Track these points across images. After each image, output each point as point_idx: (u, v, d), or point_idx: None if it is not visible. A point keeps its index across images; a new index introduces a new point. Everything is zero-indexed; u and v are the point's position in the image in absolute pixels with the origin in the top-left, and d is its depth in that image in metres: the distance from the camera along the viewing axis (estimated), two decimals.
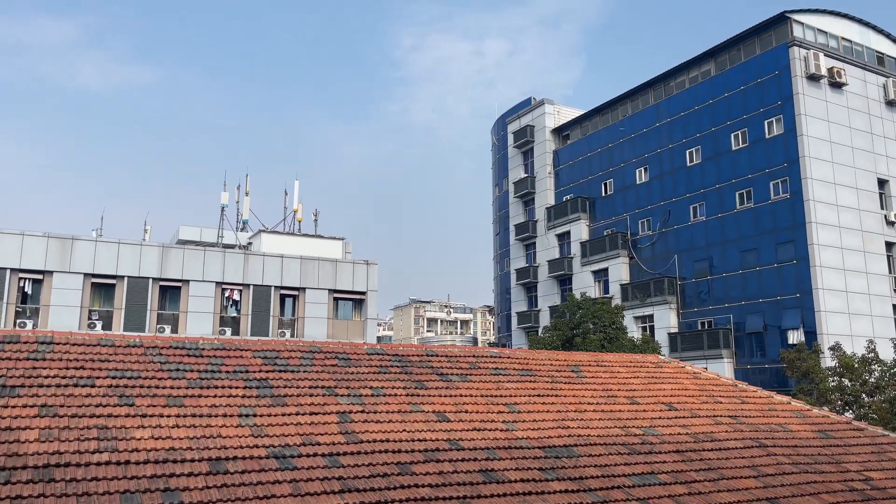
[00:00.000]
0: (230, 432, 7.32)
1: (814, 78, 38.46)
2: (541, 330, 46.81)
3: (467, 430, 8.45)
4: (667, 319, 42.77)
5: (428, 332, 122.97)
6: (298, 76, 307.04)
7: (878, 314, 37.76)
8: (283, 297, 33.50)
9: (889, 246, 39.73)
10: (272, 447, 7.15)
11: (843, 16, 41.86)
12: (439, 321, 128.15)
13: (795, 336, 36.00)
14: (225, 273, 32.14)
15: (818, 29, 40.26)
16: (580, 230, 50.12)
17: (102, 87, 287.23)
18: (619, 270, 46.50)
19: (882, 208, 40.01)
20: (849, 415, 24.88)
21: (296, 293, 33.58)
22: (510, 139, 57.64)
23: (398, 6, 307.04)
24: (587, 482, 7.59)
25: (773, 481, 8.45)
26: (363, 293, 34.79)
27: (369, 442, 7.64)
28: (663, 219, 44.68)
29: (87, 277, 29.67)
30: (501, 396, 9.81)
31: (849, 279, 37.20)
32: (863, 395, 27.26)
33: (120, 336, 9.40)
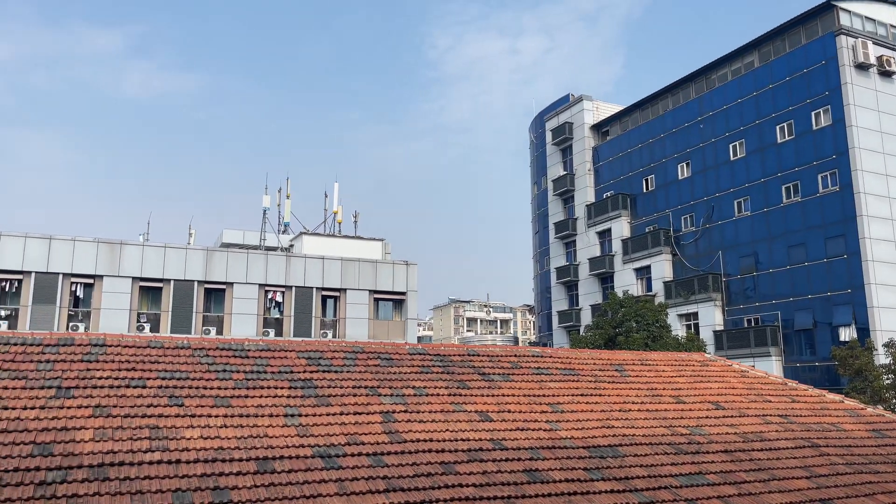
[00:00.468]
0: (276, 432, 7.43)
1: (862, 67, 37.33)
2: (582, 329, 46.43)
3: (510, 430, 8.42)
4: (712, 317, 41.99)
5: (468, 331, 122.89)
6: (336, 79, 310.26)
7: None
8: (324, 298, 33.86)
9: None
10: (317, 447, 7.23)
11: (892, 2, 40.53)
12: (479, 321, 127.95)
13: (847, 333, 34.99)
14: (267, 275, 32.64)
15: (865, 16, 39.06)
16: (621, 227, 49.54)
17: (147, 95, 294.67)
18: (662, 268, 45.83)
19: None
20: None
21: (337, 294, 33.92)
22: (548, 136, 57.27)
23: (434, 6, 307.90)
24: (633, 482, 7.49)
25: (826, 482, 8.23)
26: (403, 293, 34.96)
27: (413, 441, 7.67)
28: (707, 214, 43.88)
29: (135, 281, 30.44)
30: (544, 396, 9.75)
31: None
32: None
33: (168, 338, 9.62)
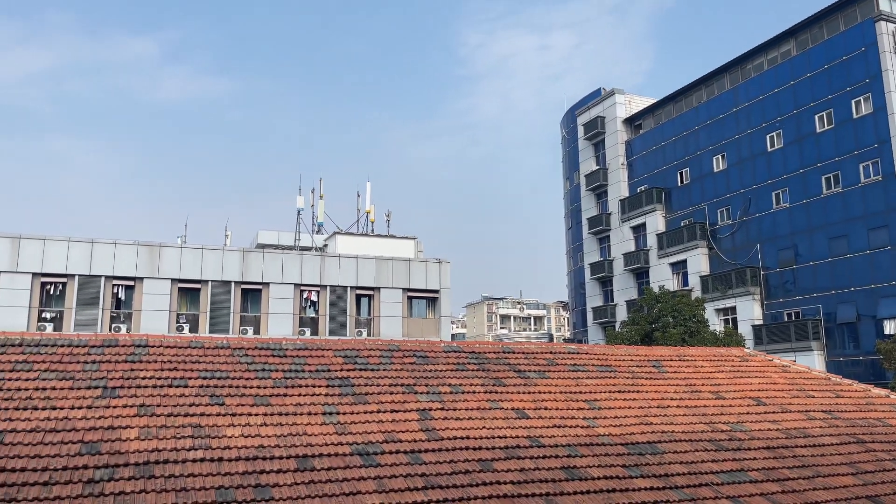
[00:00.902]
0: (315, 430, 7.51)
1: None
2: (618, 325, 46.01)
3: (547, 427, 8.39)
4: (750, 311, 41.25)
5: (501, 328, 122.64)
6: (367, 80, 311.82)
7: None
8: (358, 297, 34.11)
9: None
10: (356, 444, 7.29)
11: None
12: (512, 318, 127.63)
13: (892, 326, 34.09)
14: (303, 275, 32.98)
15: None
16: (656, 221, 48.92)
17: (182, 99, 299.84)
18: (698, 262, 45.15)
19: None
20: None
21: (371, 293, 34.13)
22: (580, 131, 56.81)
23: (464, 4, 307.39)
24: (673, 479, 7.41)
25: (872, 478, 8.04)
26: (436, 291, 35.03)
27: (450, 439, 7.69)
28: (744, 207, 43.10)
29: (174, 283, 31.01)
30: (581, 393, 9.69)
31: None
32: None
33: (208, 338, 9.79)
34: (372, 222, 40.63)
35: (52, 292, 29.38)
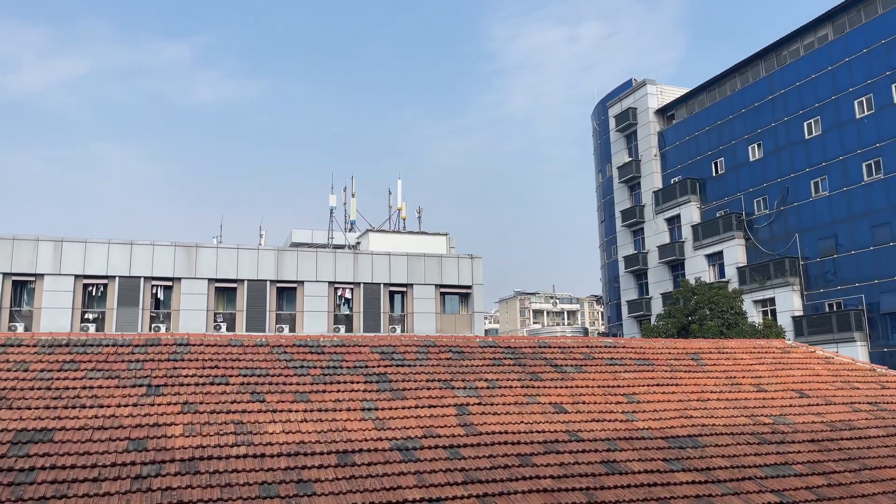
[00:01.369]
0: (355, 426, 7.58)
1: None
2: (653, 318, 45.49)
3: (586, 422, 8.35)
4: (790, 302, 40.45)
5: (534, 323, 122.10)
6: (396, 78, 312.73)
7: None
8: (391, 294, 34.28)
9: None
10: (395, 440, 7.35)
11: None
12: (545, 313, 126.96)
13: None
14: (336, 273, 33.27)
15: None
16: (691, 213, 48.23)
17: (214, 101, 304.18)
18: (735, 253, 44.40)
19: None
20: None
21: (404, 289, 34.28)
22: (612, 123, 56.23)
23: None
24: (715, 473, 7.32)
25: None
26: (469, 287, 35.05)
27: (488, 434, 7.70)
28: (781, 196, 42.25)
29: (210, 282, 31.53)
30: (619, 387, 9.62)
31: None
32: None
33: (247, 336, 9.93)
34: (403, 219, 40.81)
35: (93, 293, 30.09)
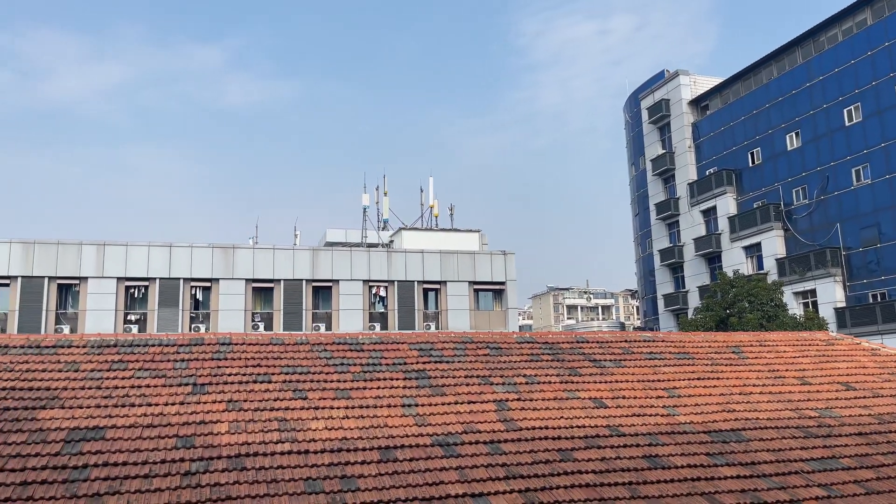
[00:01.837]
0: (396, 422, 7.65)
1: None
2: (690, 311, 44.93)
3: (627, 416, 8.30)
4: (831, 293, 39.58)
5: (568, 319, 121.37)
6: (426, 77, 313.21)
7: None
8: (425, 291, 34.41)
9: None
10: (436, 435, 7.40)
11: None
12: (579, 308, 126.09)
13: None
14: (371, 271, 33.51)
15: None
16: (727, 204, 47.47)
17: (247, 103, 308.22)
18: (774, 244, 43.59)
19: None
20: None
21: (437, 287, 34.38)
22: (644, 115, 55.59)
23: None
24: (760, 467, 7.22)
25: None
26: (502, 283, 35.01)
27: (528, 429, 7.71)
28: (821, 185, 41.34)
29: (248, 283, 32.01)
30: (659, 381, 9.54)
31: None
32: None
33: (288, 335, 10.08)
34: (436, 217, 40.95)
35: (135, 295, 30.78)
